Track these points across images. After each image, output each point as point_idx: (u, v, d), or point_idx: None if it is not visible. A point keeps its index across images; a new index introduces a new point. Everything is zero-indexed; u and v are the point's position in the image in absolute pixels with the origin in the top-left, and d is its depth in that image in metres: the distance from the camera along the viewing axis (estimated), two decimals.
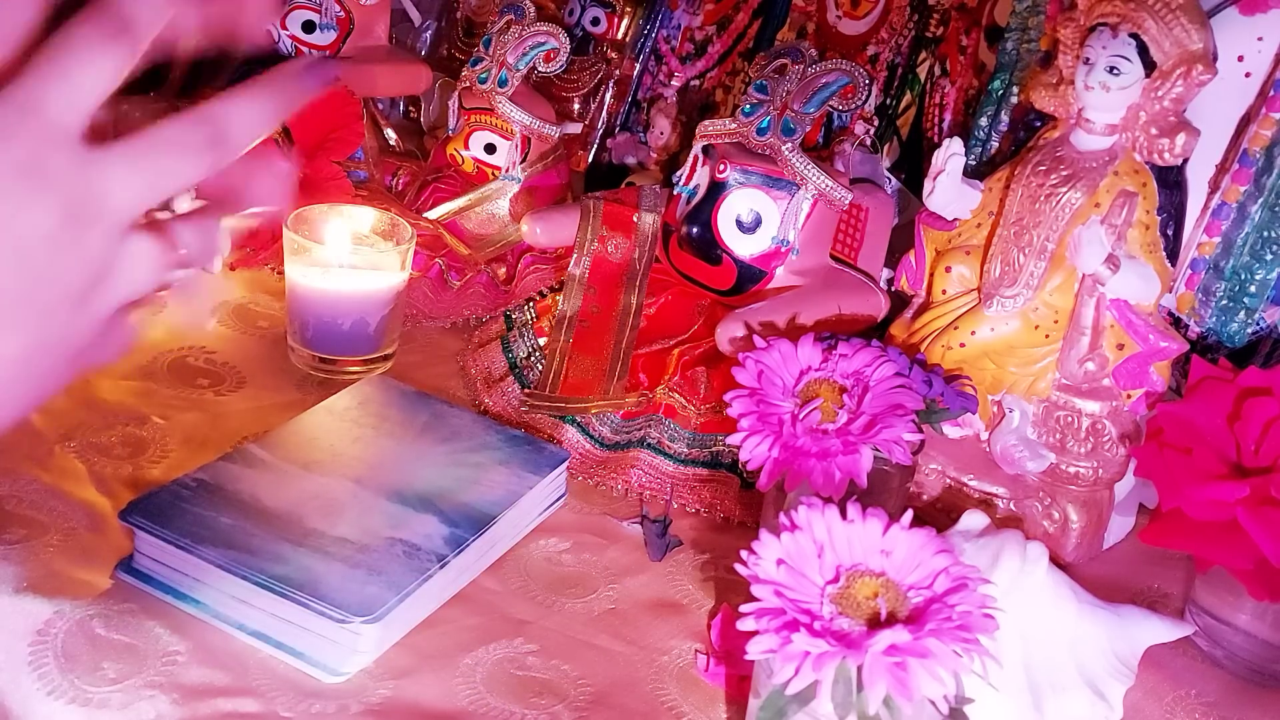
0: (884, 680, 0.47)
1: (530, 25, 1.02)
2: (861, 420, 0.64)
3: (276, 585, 0.61)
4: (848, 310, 0.84)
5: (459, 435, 0.75)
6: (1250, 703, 0.67)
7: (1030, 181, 0.75)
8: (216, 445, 0.73)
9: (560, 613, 0.68)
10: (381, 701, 0.60)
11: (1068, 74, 0.74)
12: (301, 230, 0.86)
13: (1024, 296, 0.76)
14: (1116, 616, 0.60)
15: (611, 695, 0.63)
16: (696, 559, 0.74)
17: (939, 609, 0.49)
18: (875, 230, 0.90)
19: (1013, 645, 0.56)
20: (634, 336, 0.87)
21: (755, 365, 0.67)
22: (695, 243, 0.87)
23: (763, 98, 0.87)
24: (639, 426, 0.82)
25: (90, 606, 0.62)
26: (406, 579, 0.62)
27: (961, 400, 0.74)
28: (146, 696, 0.57)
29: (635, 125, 1.22)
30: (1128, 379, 0.75)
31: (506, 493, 0.71)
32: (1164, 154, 0.72)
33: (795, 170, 0.85)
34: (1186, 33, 0.69)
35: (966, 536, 0.60)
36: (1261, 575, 0.63)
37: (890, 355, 0.68)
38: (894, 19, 1.04)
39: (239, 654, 0.61)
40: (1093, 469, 0.75)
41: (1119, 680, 0.58)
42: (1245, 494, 0.62)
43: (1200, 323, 0.82)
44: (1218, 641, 0.70)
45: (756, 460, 0.66)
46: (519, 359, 0.89)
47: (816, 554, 0.52)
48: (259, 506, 0.66)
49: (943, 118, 1.01)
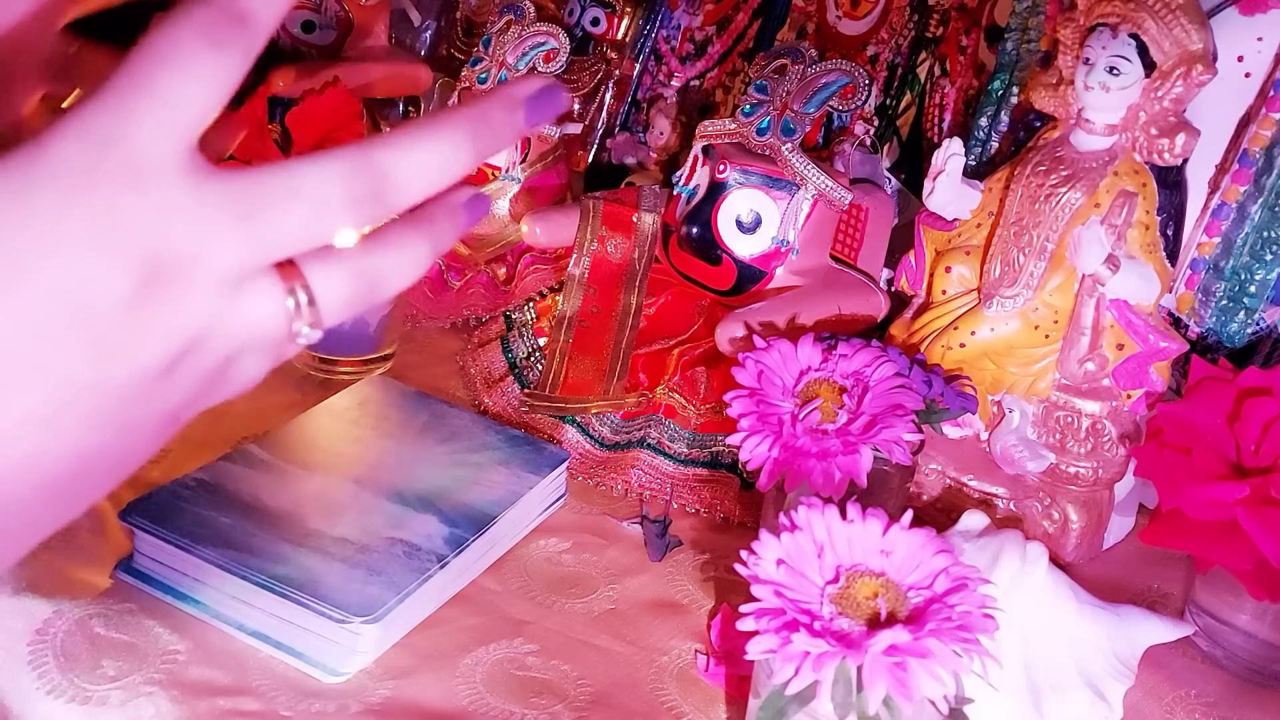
0: (884, 680, 0.47)
1: (530, 25, 1.02)
2: (861, 420, 0.64)
3: (276, 585, 0.60)
4: (848, 310, 0.84)
5: (459, 435, 0.75)
6: (1250, 703, 0.67)
7: (1030, 182, 0.75)
8: (216, 445, 0.73)
9: (560, 613, 0.68)
10: (381, 701, 0.60)
11: (1068, 74, 0.74)
12: None
13: (1024, 297, 0.76)
14: (1116, 616, 0.60)
15: (611, 695, 0.62)
16: (696, 559, 0.74)
17: (939, 609, 0.49)
18: (875, 230, 0.90)
19: (1013, 645, 0.56)
20: (634, 336, 0.87)
21: (755, 365, 0.67)
22: (695, 243, 0.87)
23: (763, 98, 0.87)
24: (639, 426, 0.82)
25: (90, 606, 0.62)
26: (406, 579, 0.62)
27: (961, 400, 0.74)
28: (146, 695, 0.57)
29: (635, 125, 1.22)
30: (1128, 379, 0.75)
31: (506, 493, 0.71)
32: (1164, 154, 0.72)
33: (795, 170, 0.85)
34: (1186, 33, 0.69)
35: (966, 536, 0.60)
36: (1261, 575, 0.63)
37: (890, 355, 0.68)
38: (894, 19, 1.04)
39: (239, 654, 0.61)
40: (1093, 469, 0.75)
41: (1119, 680, 0.58)
42: (1245, 494, 0.62)
43: (1200, 323, 0.82)
44: (1218, 641, 0.70)
45: (756, 460, 0.66)
46: (519, 359, 0.89)
47: (816, 554, 0.52)
48: (259, 506, 0.66)
49: (943, 118, 1.01)
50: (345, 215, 0.32)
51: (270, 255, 0.32)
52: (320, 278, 0.33)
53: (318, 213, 0.31)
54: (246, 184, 0.31)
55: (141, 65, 0.29)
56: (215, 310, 0.31)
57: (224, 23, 0.30)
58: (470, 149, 0.33)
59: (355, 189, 0.32)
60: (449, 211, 0.35)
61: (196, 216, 0.30)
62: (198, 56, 0.29)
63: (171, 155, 0.29)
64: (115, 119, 0.29)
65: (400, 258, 0.34)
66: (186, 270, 0.30)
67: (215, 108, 0.30)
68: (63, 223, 0.28)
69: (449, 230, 0.35)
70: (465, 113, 0.34)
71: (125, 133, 0.29)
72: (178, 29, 0.29)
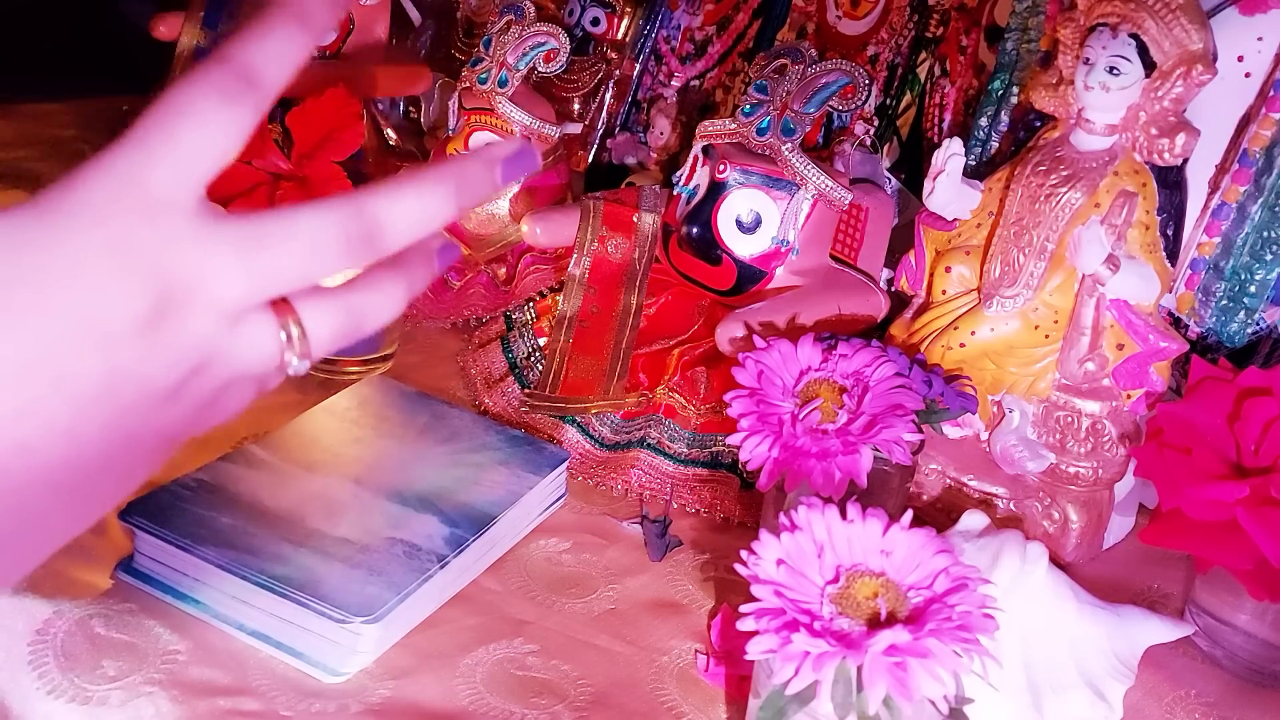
0: (884, 680, 0.47)
1: (530, 25, 1.02)
2: (861, 420, 0.64)
3: (276, 585, 0.61)
4: (848, 310, 0.84)
5: (459, 435, 0.75)
6: (1250, 703, 0.67)
7: (1030, 181, 0.75)
8: (216, 445, 0.73)
9: (560, 613, 0.68)
10: (381, 701, 0.60)
11: (1068, 74, 0.74)
12: None
13: (1024, 297, 0.76)
14: (1116, 616, 0.60)
15: (611, 695, 0.63)
16: (696, 559, 0.74)
17: (939, 609, 0.49)
18: (875, 230, 0.90)
19: (1013, 645, 0.56)
20: (634, 336, 0.87)
21: (755, 365, 0.67)
22: (695, 243, 0.87)
23: (763, 98, 0.87)
24: (639, 426, 0.82)
25: (90, 606, 0.62)
26: (407, 579, 0.62)
27: (961, 400, 0.74)
28: (146, 695, 0.57)
29: (635, 125, 1.22)
30: (1128, 379, 0.75)
31: (506, 493, 0.71)
32: (1164, 154, 0.72)
33: (795, 170, 0.85)
34: (1186, 33, 0.69)
35: (966, 536, 0.60)
36: (1261, 575, 0.63)
37: (890, 355, 0.68)
38: (894, 19, 1.04)
39: (239, 654, 0.61)
40: (1093, 469, 0.75)
41: (1119, 680, 0.58)
42: (1245, 494, 0.62)
43: (1200, 323, 0.82)
44: (1218, 641, 0.70)
45: (756, 460, 0.66)
46: (519, 359, 0.89)
47: (816, 554, 0.52)
48: (259, 507, 0.66)
49: (943, 118, 1.01)
50: (340, 257, 0.35)
51: (269, 290, 0.35)
52: (310, 313, 0.36)
53: (315, 253, 0.34)
54: (251, 225, 0.34)
55: (162, 116, 0.33)
56: (218, 339, 0.34)
57: (237, 83, 0.33)
58: (452, 202, 0.37)
59: (350, 234, 0.35)
60: (424, 257, 0.39)
61: (205, 252, 0.33)
62: (213, 111, 0.33)
63: (184, 196, 0.33)
64: (136, 162, 0.32)
65: (381, 297, 0.38)
66: (194, 300, 0.33)
67: (227, 157, 0.33)
68: (85, 251, 0.31)
69: (423, 274, 0.39)
70: (449, 169, 0.37)
71: (144, 175, 0.32)
72: (197, 86, 0.33)
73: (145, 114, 0.33)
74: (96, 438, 0.32)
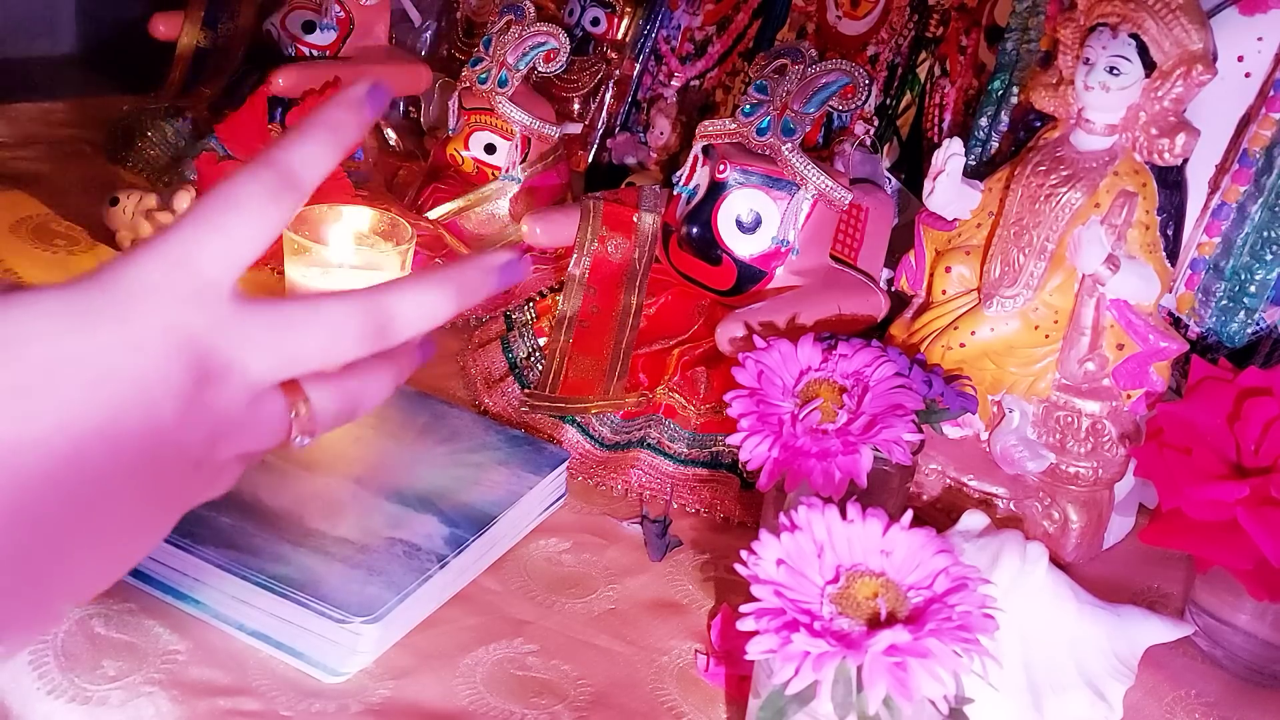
0: (884, 680, 0.47)
1: (530, 25, 1.02)
2: (861, 420, 0.64)
3: (276, 585, 0.61)
4: (848, 310, 0.85)
5: (459, 435, 0.75)
6: (1250, 703, 0.67)
7: (1030, 181, 0.75)
8: None
9: (560, 613, 0.68)
10: (381, 701, 0.60)
11: (1068, 74, 0.74)
12: (302, 230, 0.86)
13: (1024, 297, 0.76)
14: (1116, 616, 0.60)
15: (611, 695, 0.63)
16: (696, 559, 0.74)
17: (939, 609, 0.49)
18: (875, 230, 0.90)
19: (1013, 645, 0.56)
20: (634, 336, 0.87)
21: (755, 365, 0.67)
22: (695, 243, 0.87)
23: (763, 98, 0.87)
24: (639, 426, 0.82)
25: (90, 606, 0.62)
26: (406, 579, 0.62)
27: (961, 400, 0.74)
28: (146, 694, 0.57)
29: (635, 125, 1.22)
30: (1128, 379, 0.75)
31: (506, 493, 0.71)
32: (1164, 154, 0.72)
33: (795, 170, 0.85)
34: (1186, 33, 0.69)
35: (966, 536, 0.60)
36: (1261, 575, 0.63)
37: (890, 355, 0.68)
38: (894, 19, 1.04)
39: (239, 654, 0.61)
40: (1093, 469, 0.75)
41: (1119, 680, 0.58)
42: (1245, 494, 0.62)
43: (1200, 323, 0.82)
44: (1218, 641, 0.70)
45: (756, 460, 0.66)
46: (519, 359, 0.89)
47: (816, 554, 0.52)
48: (259, 506, 0.66)
49: (943, 118, 1.01)
50: (356, 345, 0.39)
51: (291, 371, 0.38)
52: (317, 394, 0.40)
53: (335, 341, 0.38)
54: (281, 311, 0.38)
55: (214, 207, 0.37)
56: (242, 413, 0.37)
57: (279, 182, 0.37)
58: (454, 302, 0.41)
59: (366, 325, 0.39)
60: (410, 351, 0.43)
61: (243, 333, 0.36)
62: (259, 207, 0.37)
63: (227, 280, 0.36)
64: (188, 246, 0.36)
65: (375, 384, 0.42)
66: (227, 376, 0.36)
67: (264, 247, 0.37)
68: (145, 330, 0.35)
69: (409, 366, 0.43)
70: (452, 273, 0.41)
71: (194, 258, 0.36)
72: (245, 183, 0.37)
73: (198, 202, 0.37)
74: (134, 499, 0.35)
